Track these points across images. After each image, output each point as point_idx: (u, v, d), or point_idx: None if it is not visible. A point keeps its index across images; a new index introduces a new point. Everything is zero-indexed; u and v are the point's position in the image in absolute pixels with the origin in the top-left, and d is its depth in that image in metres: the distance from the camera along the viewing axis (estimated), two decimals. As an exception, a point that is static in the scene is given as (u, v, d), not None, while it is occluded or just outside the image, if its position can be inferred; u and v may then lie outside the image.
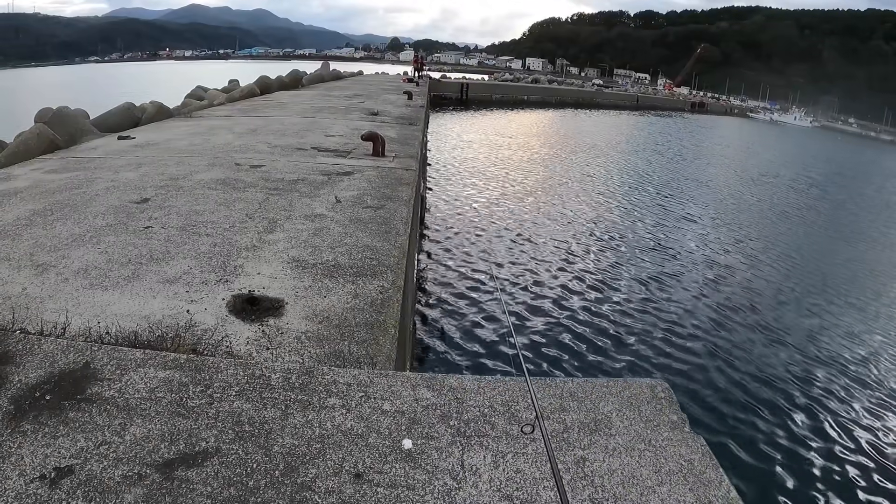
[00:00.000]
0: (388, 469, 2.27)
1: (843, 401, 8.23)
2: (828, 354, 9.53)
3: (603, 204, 19.06)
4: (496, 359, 8.08)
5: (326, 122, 13.20)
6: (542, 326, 9.19)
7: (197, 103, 18.55)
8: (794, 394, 8.19)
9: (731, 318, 10.47)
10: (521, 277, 11.24)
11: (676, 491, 2.27)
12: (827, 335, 10.34)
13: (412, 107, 18.95)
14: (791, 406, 7.88)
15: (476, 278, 10.76)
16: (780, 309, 11.36)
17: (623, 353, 8.71)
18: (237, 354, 3.18)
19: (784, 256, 15.30)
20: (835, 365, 9.23)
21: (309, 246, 4.90)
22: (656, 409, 2.77)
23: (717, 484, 2.33)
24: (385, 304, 3.93)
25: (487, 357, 8.09)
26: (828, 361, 9.31)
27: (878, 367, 9.38)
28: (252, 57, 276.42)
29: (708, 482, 2.33)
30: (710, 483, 2.33)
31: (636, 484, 2.28)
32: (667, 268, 12.93)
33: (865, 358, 9.64)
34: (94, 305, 3.65)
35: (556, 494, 2.18)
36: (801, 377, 8.67)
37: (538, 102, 64.12)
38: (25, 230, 4.96)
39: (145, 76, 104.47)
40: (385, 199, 6.59)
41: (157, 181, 6.87)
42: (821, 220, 21.61)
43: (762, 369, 8.75)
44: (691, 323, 10.01)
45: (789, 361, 9.12)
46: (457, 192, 18.10)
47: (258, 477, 2.18)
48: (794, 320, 10.88)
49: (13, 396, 2.52)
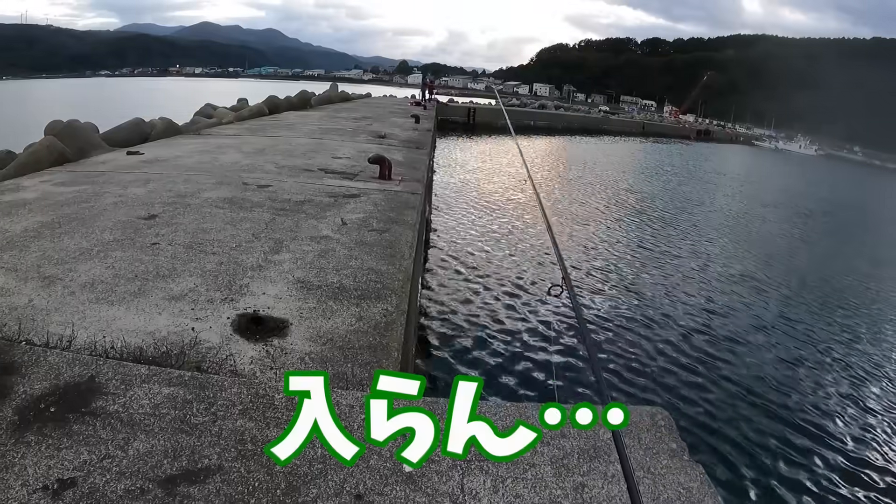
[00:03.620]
0: (388, 491, 2.28)
1: (847, 432, 8.20)
2: (835, 386, 9.50)
3: (610, 228, 19.11)
4: (499, 383, 8.09)
5: (334, 144, 13.27)
6: (544, 351, 9.20)
7: (206, 121, 18.67)
8: (797, 423, 8.17)
9: (735, 345, 10.47)
10: (525, 298, 11.26)
11: (674, 520, 2.28)
12: (836, 366, 10.32)
13: (419, 130, 19.02)
14: (793, 435, 7.86)
15: (479, 303, 10.79)
16: (787, 338, 11.32)
17: (623, 380, 8.71)
18: (241, 373, 3.20)
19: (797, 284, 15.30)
20: (842, 396, 9.20)
21: (314, 267, 4.93)
22: (656, 437, 2.77)
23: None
24: (388, 327, 3.94)
25: (491, 381, 8.09)
26: (835, 393, 9.28)
27: (891, 401, 9.34)
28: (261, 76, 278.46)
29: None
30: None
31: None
32: (672, 295, 12.94)
33: (875, 392, 9.61)
34: (99, 319, 3.67)
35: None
36: (805, 409, 8.64)
37: (545, 128, 64.31)
38: (33, 242, 4.99)
39: (155, 92, 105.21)
40: (391, 222, 6.62)
41: (165, 198, 6.91)
42: (839, 250, 21.63)
43: (765, 398, 8.74)
44: (691, 349, 10.01)
45: (793, 392, 9.09)
46: (462, 217, 18.18)
47: (259, 495, 2.19)
48: (801, 350, 10.84)
49: (17, 407, 2.54)
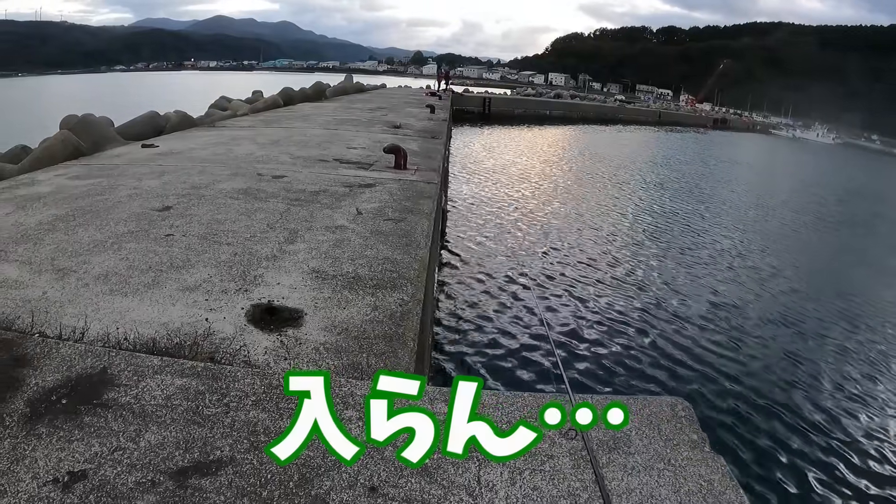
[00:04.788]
0: (403, 483, 2.24)
1: (873, 425, 8.06)
2: (860, 379, 9.33)
3: (629, 219, 18.93)
4: (515, 373, 8.03)
5: (349, 135, 13.25)
6: (563, 342, 9.12)
7: (220, 113, 18.68)
8: (821, 417, 8.04)
9: (758, 337, 10.32)
10: (542, 291, 11.18)
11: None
12: (862, 358, 10.12)
13: (435, 120, 18.97)
14: (816, 430, 7.73)
15: (497, 292, 10.71)
16: (811, 330, 11.14)
17: (645, 370, 8.62)
18: (255, 364, 3.17)
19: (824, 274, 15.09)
20: (867, 389, 9.05)
21: (329, 257, 4.90)
22: (676, 428, 2.71)
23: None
24: (404, 316, 3.90)
25: (507, 372, 8.04)
26: (860, 386, 9.11)
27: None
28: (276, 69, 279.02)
29: (728, 503, 2.28)
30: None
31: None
32: (692, 284, 12.81)
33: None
34: (113, 311, 3.65)
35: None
36: (829, 401, 8.50)
37: (560, 118, 63.99)
38: (48, 235, 4.99)
39: (170, 86, 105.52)
40: (406, 211, 6.58)
41: (180, 189, 6.91)
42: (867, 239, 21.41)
43: (788, 390, 8.60)
44: (713, 339, 9.88)
45: (819, 383, 8.95)
46: (479, 206, 18.06)
47: (272, 488, 2.15)
48: (826, 341, 10.66)
49: (29, 399, 2.52)
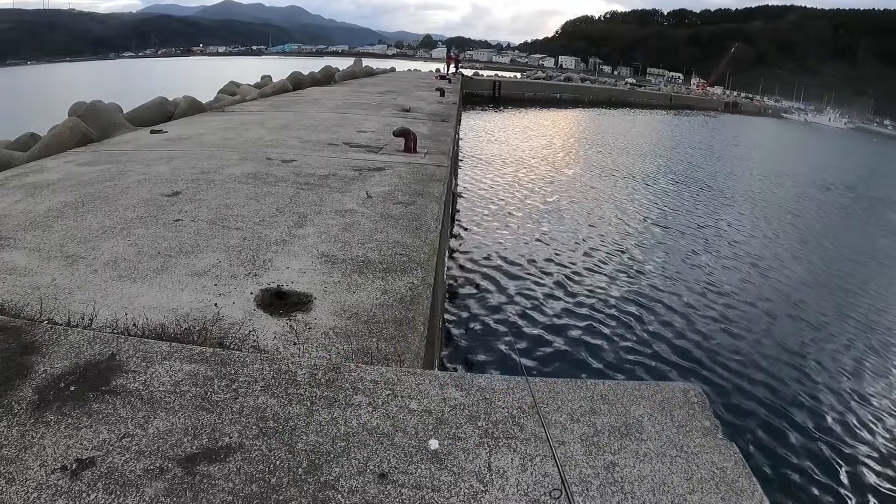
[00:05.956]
0: (413, 469, 2.21)
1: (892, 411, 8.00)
2: (875, 365, 9.26)
3: (640, 204, 18.84)
4: (526, 359, 8.00)
5: (358, 118, 13.19)
6: (574, 327, 9.10)
7: (229, 98, 18.66)
8: (834, 404, 7.98)
9: (771, 323, 10.26)
10: (554, 276, 11.14)
11: (708, 499, 2.18)
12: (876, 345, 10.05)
13: (444, 104, 18.89)
14: (830, 417, 7.67)
15: (508, 276, 10.69)
16: (824, 315, 11.06)
17: (656, 356, 8.58)
18: (264, 349, 3.15)
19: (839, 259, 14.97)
20: (883, 374, 8.99)
21: (339, 241, 4.87)
22: (689, 415, 2.67)
23: (750, 493, 2.23)
24: (415, 300, 3.88)
25: (517, 357, 8.01)
26: (876, 372, 9.05)
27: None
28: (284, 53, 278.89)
29: (741, 491, 2.24)
30: (743, 492, 2.23)
31: (667, 491, 2.20)
32: (704, 269, 12.74)
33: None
34: (122, 297, 3.64)
35: (583, 500, 2.12)
36: (845, 388, 8.44)
37: (571, 101, 63.72)
38: (56, 221, 4.98)
39: (178, 72, 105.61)
40: (416, 195, 6.54)
41: (188, 175, 6.89)
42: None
43: (801, 377, 8.55)
44: (726, 326, 9.83)
45: (831, 369, 8.89)
46: (489, 190, 18.03)
47: (281, 474, 2.13)
48: (840, 328, 10.59)
49: (37, 387, 2.51)
